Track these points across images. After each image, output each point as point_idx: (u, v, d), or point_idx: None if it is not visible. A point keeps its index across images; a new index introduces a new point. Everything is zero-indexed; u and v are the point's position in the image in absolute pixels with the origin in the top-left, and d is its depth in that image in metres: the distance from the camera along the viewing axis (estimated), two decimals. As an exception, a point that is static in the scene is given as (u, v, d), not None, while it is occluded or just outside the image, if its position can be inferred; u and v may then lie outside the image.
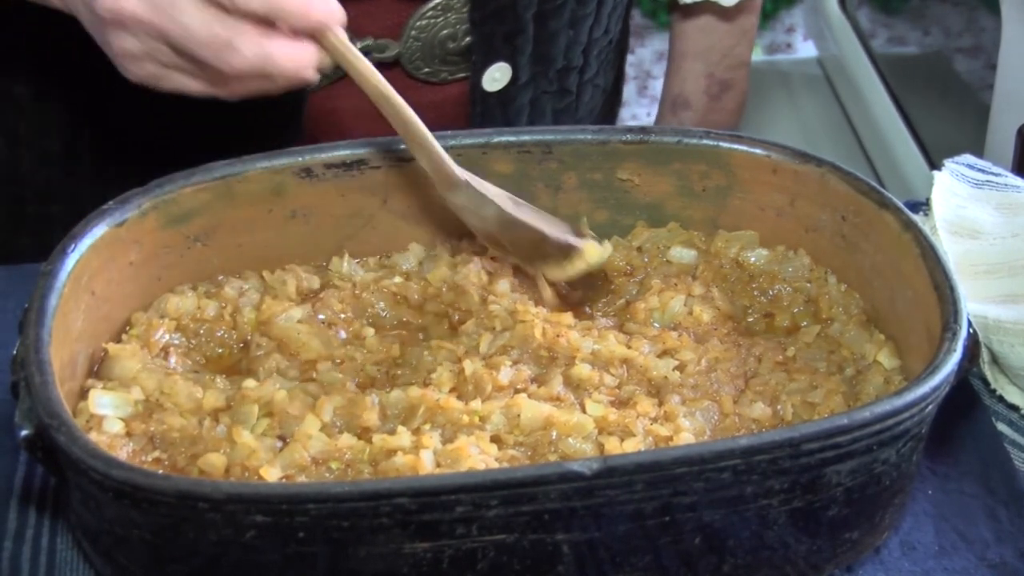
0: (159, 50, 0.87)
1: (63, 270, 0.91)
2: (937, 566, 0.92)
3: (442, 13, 1.24)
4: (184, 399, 0.91)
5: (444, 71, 1.28)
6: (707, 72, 1.54)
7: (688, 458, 0.78)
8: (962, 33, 2.87)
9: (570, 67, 1.35)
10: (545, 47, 1.30)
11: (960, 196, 1.18)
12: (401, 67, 1.26)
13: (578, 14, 1.30)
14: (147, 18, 0.85)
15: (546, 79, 1.33)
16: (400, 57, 1.25)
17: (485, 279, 1.04)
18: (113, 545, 0.83)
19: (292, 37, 0.87)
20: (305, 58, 0.88)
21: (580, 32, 1.33)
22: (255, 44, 0.85)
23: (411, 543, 0.77)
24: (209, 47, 0.84)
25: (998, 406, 1.06)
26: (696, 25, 1.52)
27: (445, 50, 1.26)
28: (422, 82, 1.28)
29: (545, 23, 1.27)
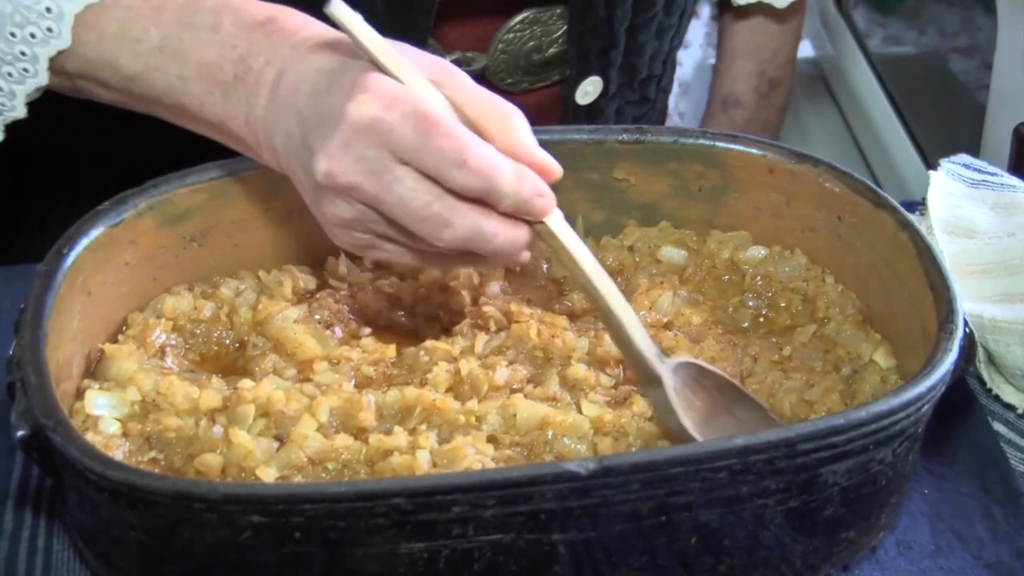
0: (373, 219, 0.86)
1: (59, 270, 0.91)
2: (933, 565, 0.92)
3: (529, 27, 1.25)
4: (180, 399, 0.91)
5: (525, 81, 1.29)
6: (758, 71, 1.55)
7: (684, 458, 0.78)
8: (958, 33, 2.87)
9: (651, 76, 1.36)
10: (633, 59, 1.31)
11: (956, 196, 1.18)
12: (485, 79, 1.27)
13: (664, 25, 1.32)
14: (365, 186, 0.83)
15: (631, 89, 1.35)
16: (486, 70, 1.26)
17: (476, 281, 1.04)
18: (109, 546, 0.83)
19: (507, 218, 0.85)
20: (519, 240, 0.86)
21: (664, 43, 1.35)
22: (470, 221, 0.83)
23: (407, 543, 0.77)
24: (424, 221, 0.83)
25: (994, 405, 1.06)
26: (748, 26, 1.53)
27: (530, 61, 1.27)
28: (503, 92, 1.29)
29: (635, 36, 1.29)
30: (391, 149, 0.82)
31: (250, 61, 0.91)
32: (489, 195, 0.83)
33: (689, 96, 2.91)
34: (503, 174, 0.82)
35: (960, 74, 2.77)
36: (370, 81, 0.82)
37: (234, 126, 0.93)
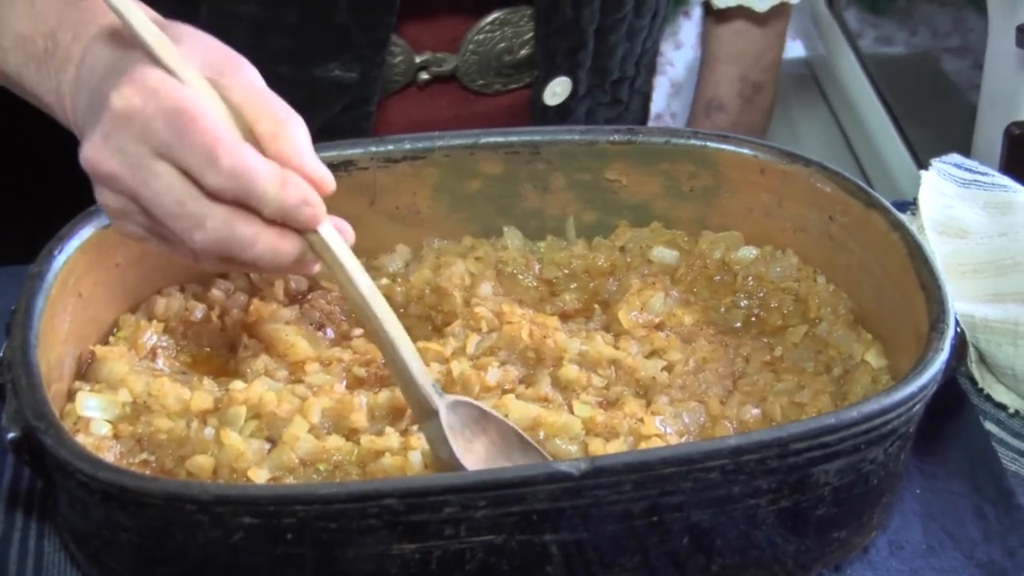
0: (135, 212, 0.83)
1: (50, 272, 0.91)
2: (925, 565, 0.92)
3: (499, 28, 1.24)
4: (172, 401, 0.91)
5: (498, 83, 1.29)
6: (741, 75, 1.55)
7: (676, 458, 0.78)
8: (949, 33, 2.87)
9: (623, 78, 1.36)
10: (603, 60, 1.31)
11: (947, 196, 1.18)
12: (457, 80, 1.27)
13: (635, 27, 1.31)
14: (124, 179, 0.80)
15: (602, 91, 1.34)
16: (457, 70, 1.26)
17: (468, 281, 1.04)
18: (101, 547, 0.83)
19: (274, 226, 0.80)
20: (284, 249, 0.81)
21: (635, 44, 1.34)
22: (223, 224, 0.79)
23: (399, 544, 0.77)
24: (178, 219, 0.79)
25: (986, 405, 1.06)
26: (730, 30, 1.53)
27: (501, 63, 1.27)
28: (475, 94, 1.29)
29: (605, 37, 1.28)
30: (150, 143, 0.79)
31: (59, 36, 0.90)
32: (247, 198, 0.79)
33: (681, 97, 2.92)
34: (261, 178, 0.78)
35: (951, 74, 2.77)
36: (137, 72, 0.80)
37: (47, 99, 0.92)
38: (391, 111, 1.27)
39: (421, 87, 1.26)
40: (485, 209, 1.09)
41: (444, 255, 1.07)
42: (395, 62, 1.23)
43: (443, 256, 1.07)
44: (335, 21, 1.15)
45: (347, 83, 1.19)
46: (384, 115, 1.27)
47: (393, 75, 1.24)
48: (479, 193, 1.08)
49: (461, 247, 1.09)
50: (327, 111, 1.21)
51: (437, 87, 1.28)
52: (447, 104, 1.29)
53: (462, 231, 1.09)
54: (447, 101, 1.29)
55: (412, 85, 1.26)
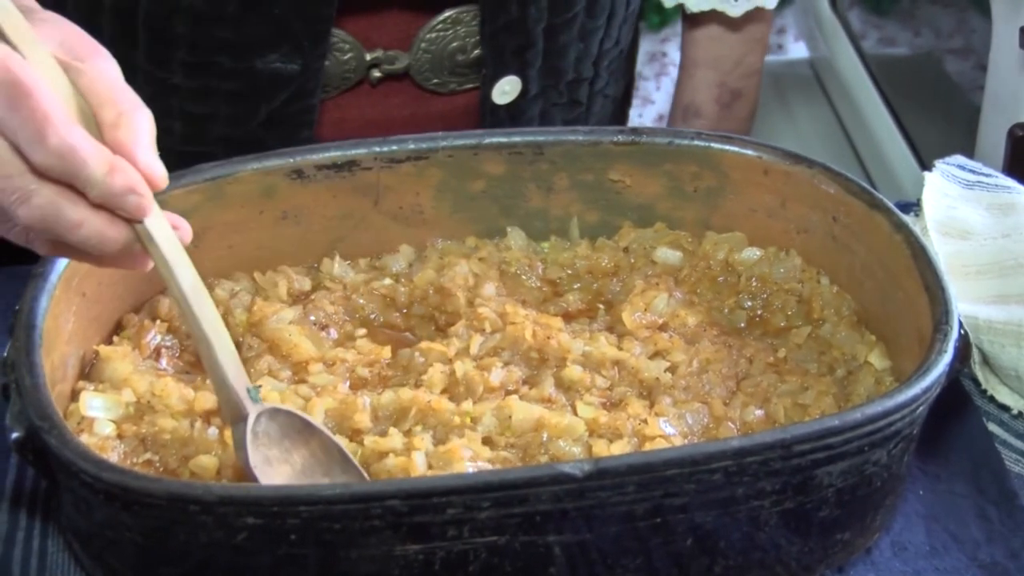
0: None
1: (54, 272, 0.91)
2: (928, 566, 0.92)
3: (452, 26, 1.24)
4: (175, 401, 0.91)
5: (453, 82, 1.28)
6: (718, 81, 1.54)
7: (679, 460, 0.78)
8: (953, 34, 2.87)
9: (580, 79, 1.35)
10: (555, 60, 1.30)
11: (951, 197, 1.18)
12: (410, 78, 1.27)
13: (588, 27, 1.30)
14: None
15: (556, 91, 1.33)
16: (410, 68, 1.26)
17: (472, 282, 1.04)
18: (104, 548, 0.83)
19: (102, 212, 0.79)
20: (110, 236, 0.79)
21: (590, 44, 1.33)
22: (48, 203, 0.78)
23: (402, 545, 0.77)
24: (3, 193, 0.78)
25: (989, 406, 1.06)
26: (706, 34, 1.52)
27: (454, 62, 1.26)
28: (430, 93, 1.28)
29: (555, 37, 1.27)
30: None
31: None
32: (74, 179, 0.78)
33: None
34: (88, 160, 0.77)
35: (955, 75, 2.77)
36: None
37: None
38: (345, 108, 1.27)
39: (374, 85, 1.26)
40: (489, 209, 1.09)
41: (448, 255, 1.08)
42: (345, 59, 1.22)
43: (447, 256, 1.07)
44: (274, 13, 1.15)
45: (288, 75, 1.19)
46: (338, 112, 1.26)
47: (344, 72, 1.23)
48: (483, 193, 1.08)
49: (465, 247, 1.09)
50: (270, 103, 1.21)
51: (391, 85, 1.27)
52: (402, 103, 1.29)
53: (466, 231, 1.10)
54: (402, 100, 1.28)
55: (365, 83, 1.26)
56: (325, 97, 1.25)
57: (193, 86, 1.20)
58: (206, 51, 1.17)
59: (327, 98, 1.25)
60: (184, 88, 1.20)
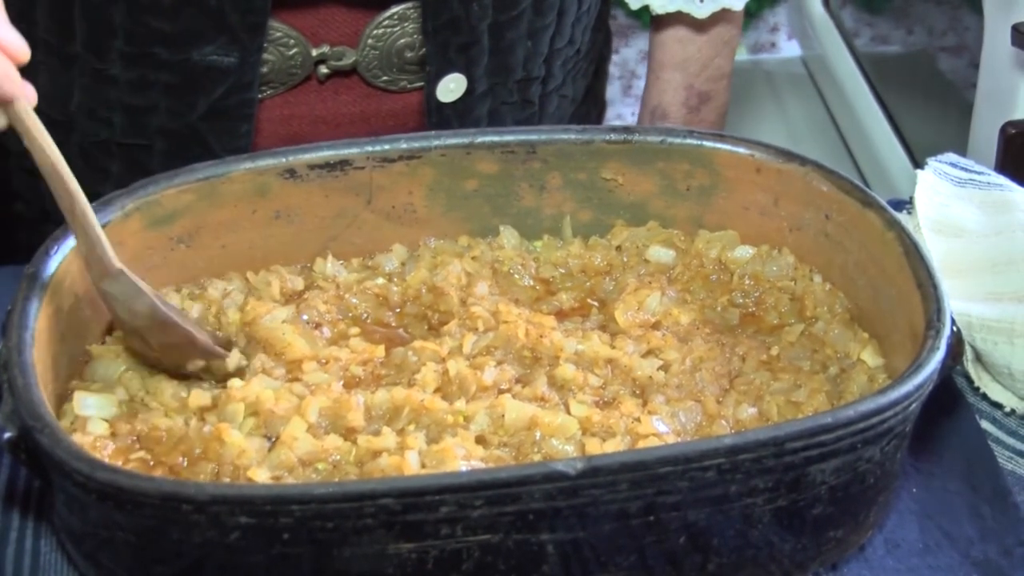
0: None
1: (46, 272, 0.91)
2: (922, 564, 0.92)
3: (399, 23, 1.23)
4: (169, 399, 0.91)
5: (403, 80, 1.27)
6: (686, 84, 1.53)
7: (672, 457, 0.78)
8: (945, 32, 2.88)
9: (530, 78, 1.33)
10: (502, 58, 1.29)
11: (943, 194, 1.19)
12: (359, 75, 1.26)
13: (536, 25, 1.29)
14: None
15: (505, 90, 1.32)
16: (357, 65, 1.25)
17: (464, 281, 1.04)
18: (97, 547, 0.83)
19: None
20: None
21: (539, 43, 1.32)
22: None
23: (396, 544, 0.77)
24: None
25: (982, 404, 1.06)
26: (673, 36, 1.51)
27: (403, 59, 1.25)
28: (380, 90, 1.28)
29: (501, 34, 1.26)
30: None
31: None
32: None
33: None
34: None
35: (947, 73, 2.78)
36: None
37: None
38: (293, 105, 1.26)
39: (322, 81, 1.25)
40: (481, 208, 1.09)
41: (440, 254, 1.08)
42: (290, 54, 1.22)
43: (439, 255, 1.07)
44: (210, 4, 1.14)
45: (226, 68, 1.19)
46: (286, 109, 1.26)
47: (289, 67, 1.23)
48: (475, 192, 1.08)
49: (457, 246, 1.09)
50: (208, 95, 1.20)
51: (339, 82, 1.26)
52: (352, 100, 1.28)
53: (458, 230, 1.10)
54: (352, 97, 1.28)
55: (312, 79, 1.25)
56: (272, 93, 1.24)
57: (131, 77, 1.19)
58: (143, 42, 1.17)
59: (275, 94, 1.25)
60: (122, 80, 1.20)
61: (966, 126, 1.68)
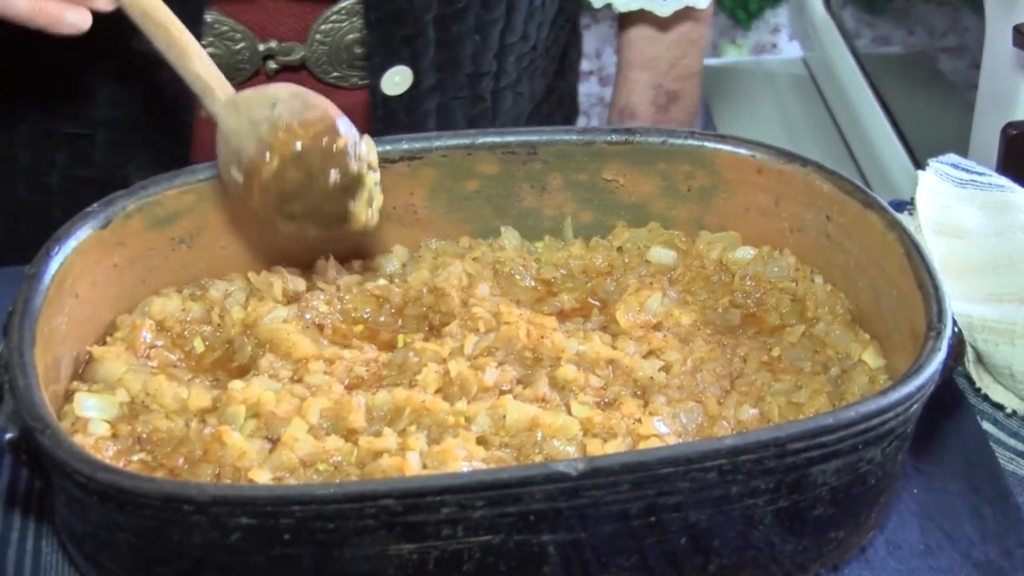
0: None
1: (47, 273, 0.91)
2: (923, 565, 0.92)
3: (347, 17, 1.23)
4: (169, 400, 0.91)
5: (353, 76, 1.27)
6: (654, 83, 1.52)
7: (674, 458, 0.78)
8: (946, 33, 2.88)
9: (481, 73, 1.33)
10: (449, 52, 1.28)
11: (944, 195, 1.19)
12: (308, 70, 1.25)
13: (484, 19, 1.28)
14: None
15: (454, 84, 1.31)
16: (306, 60, 1.24)
17: (466, 282, 1.04)
18: (98, 548, 0.83)
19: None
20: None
21: (488, 37, 1.31)
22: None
23: (397, 544, 0.77)
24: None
25: (983, 405, 1.06)
26: (638, 35, 1.51)
27: (352, 55, 1.25)
28: (331, 86, 1.27)
29: (447, 27, 1.26)
30: None
31: None
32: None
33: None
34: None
35: (949, 74, 2.78)
36: None
37: None
38: None
39: (271, 76, 1.25)
40: (482, 209, 1.09)
41: (441, 255, 1.08)
42: (237, 48, 1.21)
43: (440, 256, 1.07)
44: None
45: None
46: None
47: (237, 62, 1.22)
48: (476, 193, 1.08)
49: (458, 247, 1.09)
50: (151, 85, 1.20)
51: (289, 78, 1.25)
52: None
53: (459, 231, 1.10)
54: None
55: (261, 74, 1.24)
56: None
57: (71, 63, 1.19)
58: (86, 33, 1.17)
59: None
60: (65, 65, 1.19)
61: (967, 127, 1.68)
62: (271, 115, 0.91)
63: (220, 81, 0.94)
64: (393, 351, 0.99)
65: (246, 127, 0.92)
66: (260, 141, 0.91)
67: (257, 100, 0.92)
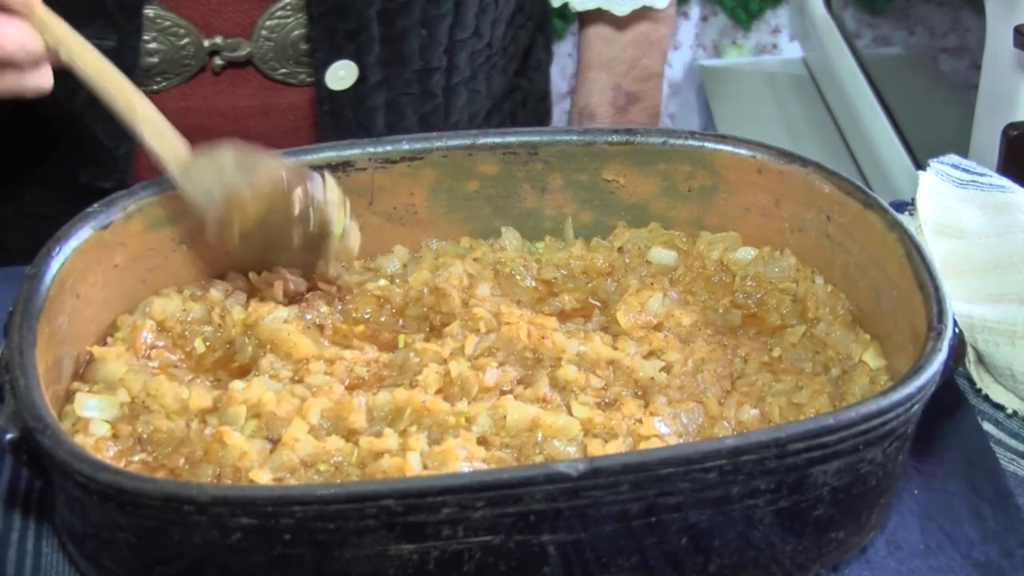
0: None
1: (48, 273, 0.91)
2: (923, 565, 0.92)
3: (292, 13, 1.22)
4: (170, 400, 0.91)
5: (301, 72, 1.26)
6: (613, 84, 1.51)
7: (674, 458, 0.78)
8: (947, 33, 2.87)
9: (430, 68, 1.32)
10: (395, 47, 1.27)
11: (945, 196, 1.19)
12: (255, 67, 1.24)
13: (430, 14, 1.28)
14: None
15: (402, 80, 1.30)
16: (252, 57, 1.23)
17: (466, 282, 1.04)
18: (99, 548, 0.83)
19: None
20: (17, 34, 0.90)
21: (437, 33, 1.30)
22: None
23: (397, 545, 0.77)
24: None
25: (983, 405, 1.06)
26: (596, 35, 1.50)
27: (298, 51, 1.24)
28: (279, 83, 1.26)
29: (392, 22, 1.25)
30: None
31: None
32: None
33: (679, 97, 2.92)
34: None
35: (949, 74, 2.78)
36: None
37: None
38: (190, 98, 1.25)
39: (217, 72, 1.24)
40: (483, 210, 1.09)
41: (442, 256, 1.08)
42: (181, 44, 1.21)
43: (441, 257, 1.07)
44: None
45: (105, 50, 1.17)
46: (183, 102, 1.25)
47: (182, 58, 1.22)
48: (477, 194, 1.08)
49: (459, 248, 1.09)
50: None
51: (236, 74, 1.25)
52: (250, 93, 1.27)
53: (460, 232, 1.10)
54: (250, 90, 1.27)
55: (207, 71, 1.24)
56: (168, 85, 1.23)
57: None
58: None
59: (170, 86, 1.23)
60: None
61: (968, 127, 1.68)
62: (223, 183, 0.92)
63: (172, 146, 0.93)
64: (394, 351, 0.99)
65: (202, 196, 0.93)
66: (216, 211, 0.93)
67: (206, 167, 0.93)
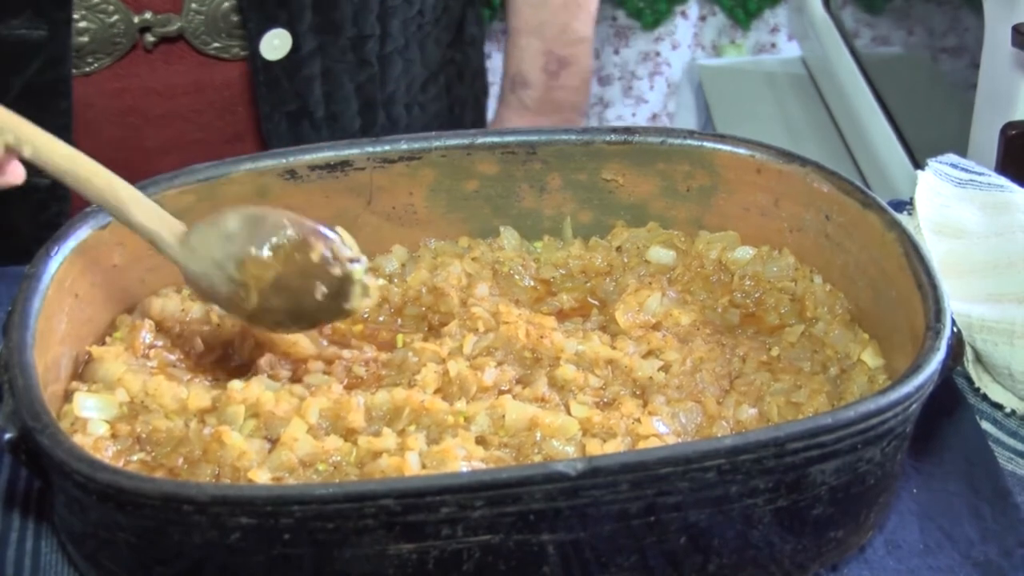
0: None
1: (47, 273, 0.91)
2: (922, 564, 0.92)
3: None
4: (169, 400, 0.91)
5: (234, 46, 1.24)
6: (544, 49, 1.51)
7: (673, 458, 0.78)
8: (946, 33, 2.87)
9: (364, 36, 1.31)
10: (328, 14, 1.26)
11: (944, 195, 1.19)
12: (187, 42, 1.23)
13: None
14: None
15: (336, 48, 1.30)
16: (184, 32, 1.22)
17: (465, 282, 1.04)
18: (98, 548, 0.83)
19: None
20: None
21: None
22: None
23: (396, 544, 0.77)
24: None
25: (982, 404, 1.06)
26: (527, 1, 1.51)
27: (230, 23, 1.22)
28: (212, 58, 1.25)
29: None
30: None
31: None
32: None
33: (678, 96, 2.92)
34: None
35: (948, 74, 2.78)
36: None
37: None
38: (124, 78, 1.24)
39: (149, 50, 1.23)
40: (481, 209, 1.09)
41: (441, 255, 1.08)
42: (111, 21, 1.19)
43: (440, 256, 1.07)
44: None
45: (36, 41, 1.16)
46: (117, 83, 1.24)
47: (112, 36, 1.20)
48: (475, 193, 1.08)
49: (458, 247, 1.09)
50: (22, 73, 1.18)
51: (169, 51, 1.24)
52: (185, 69, 1.26)
53: (459, 231, 1.10)
54: (184, 67, 1.26)
55: (139, 48, 1.22)
56: (99, 65, 1.21)
57: None
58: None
59: (102, 67, 1.21)
60: None
61: (967, 127, 1.68)
62: (234, 251, 0.88)
63: (165, 221, 0.89)
64: (392, 351, 0.99)
65: (211, 269, 0.89)
66: (232, 281, 0.89)
67: (212, 237, 0.89)
